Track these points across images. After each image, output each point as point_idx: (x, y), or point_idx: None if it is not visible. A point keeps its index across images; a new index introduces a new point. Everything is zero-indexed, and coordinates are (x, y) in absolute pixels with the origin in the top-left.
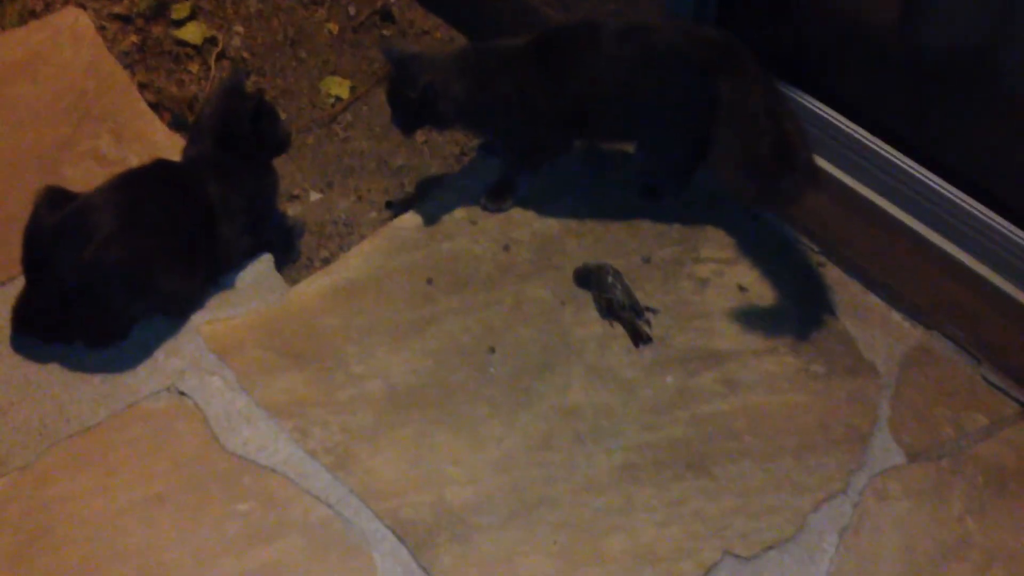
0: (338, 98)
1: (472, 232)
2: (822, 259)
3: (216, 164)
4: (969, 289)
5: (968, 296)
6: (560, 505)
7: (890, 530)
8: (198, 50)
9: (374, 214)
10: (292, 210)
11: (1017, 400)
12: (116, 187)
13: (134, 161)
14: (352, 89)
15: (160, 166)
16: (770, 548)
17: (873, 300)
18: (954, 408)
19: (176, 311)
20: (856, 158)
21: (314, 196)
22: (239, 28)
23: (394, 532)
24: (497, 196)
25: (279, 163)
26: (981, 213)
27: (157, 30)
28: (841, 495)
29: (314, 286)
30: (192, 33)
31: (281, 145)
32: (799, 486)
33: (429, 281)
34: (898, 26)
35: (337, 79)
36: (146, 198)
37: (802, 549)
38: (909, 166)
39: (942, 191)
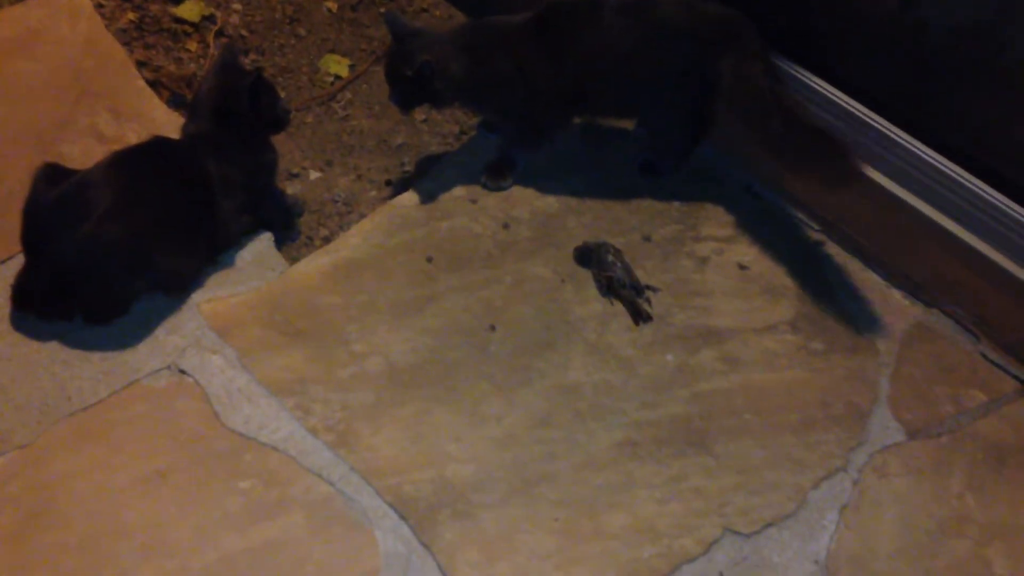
0: (337, 76)
1: (472, 210)
2: (821, 237)
3: (215, 141)
4: (968, 266)
5: (967, 273)
6: (560, 482)
7: (890, 507)
8: (196, 28)
9: (374, 193)
10: (292, 188)
11: (1016, 377)
12: (114, 164)
13: (132, 138)
14: (351, 67)
15: (158, 143)
16: (770, 525)
17: (872, 277)
18: (953, 385)
19: (175, 288)
20: (856, 135)
21: (314, 175)
22: (237, 6)
23: (395, 509)
24: (497, 174)
25: (278, 141)
26: (981, 190)
27: (155, 8)
28: (841, 472)
29: (314, 264)
30: (190, 11)
31: (280, 122)
32: (799, 463)
33: (429, 259)
34: (899, 3)
35: (336, 57)
36: (144, 175)
37: (802, 526)
38: (908, 143)
39: (941, 167)
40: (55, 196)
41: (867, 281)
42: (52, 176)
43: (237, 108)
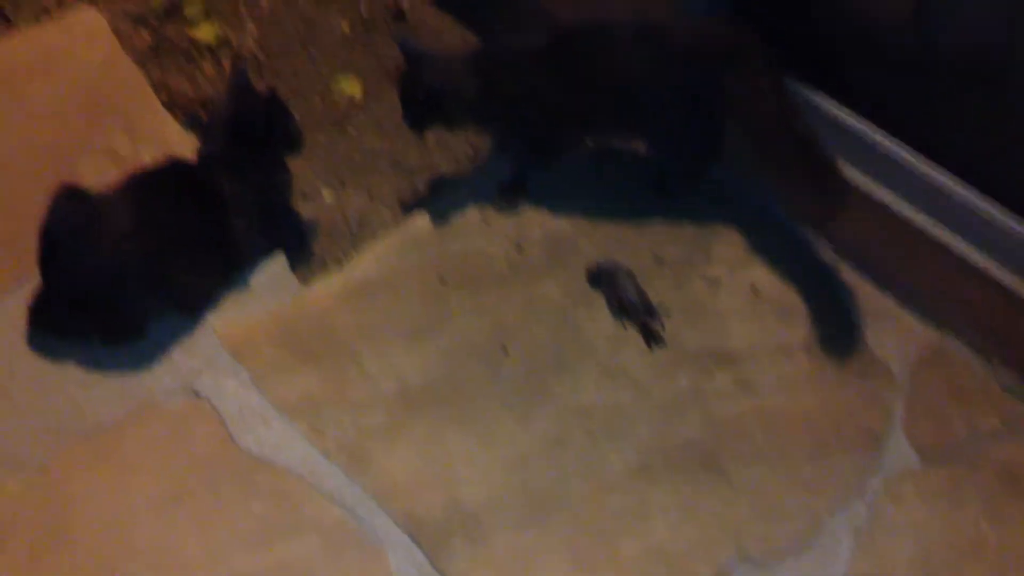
0: (351, 98)
1: (485, 231)
2: (835, 259)
3: (230, 161)
4: (984, 291)
5: (983, 298)
6: (573, 505)
7: (905, 533)
8: (212, 50)
9: (387, 214)
10: (305, 210)
11: None
12: (131, 184)
13: (148, 159)
14: (364, 89)
15: (174, 164)
16: (785, 551)
17: (887, 301)
18: (968, 411)
19: (190, 308)
20: (871, 157)
21: (327, 196)
22: (252, 28)
23: (408, 532)
24: (509, 195)
25: (292, 161)
26: (997, 213)
27: (171, 30)
28: (856, 498)
29: (327, 286)
30: (206, 33)
31: (294, 143)
32: (813, 488)
33: (442, 280)
34: (917, 25)
35: (350, 78)
36: (161, 196)
37: (817, 552)
38: (925, 165)
39: (957, 190)
40: (72, 216)
41: (881, 304)
42: (69, 197)
43: (252, 128)
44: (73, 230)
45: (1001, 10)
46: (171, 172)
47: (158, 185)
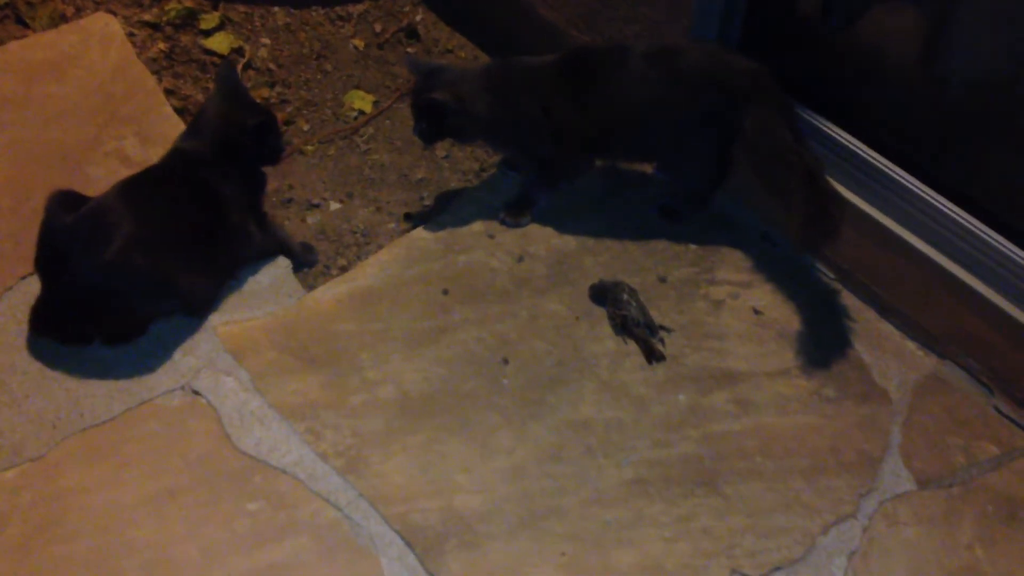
0: (361, 111)
1: (489, 245)
2: (837, 285)
3: (218, 164)
4: (984, 319)
5: (983, 326)
6: (569, 517)
7: (899, 555)
8: (224, 59)
9: (392, 225)
10: (312, 218)
11: None
12: (129, 188)
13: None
14: (375, 103)
15: (165, 167)
16: (778, 568)
17: (887, 327)
18: (965, 437)
19: (195, 309)
20: (875, 185)
21: (334, 205)
22: (266, 40)
23: (402, 537)
24: (516, 211)
25: (301, 173)
26: (999, 243)
27: (185, 39)
28: (851, 519)
29: (331, 292)
30: (219, 43)
31: (275, 159)
32: (809, 508)
33: (445, 291)
34: (921, 57)
35: (361, 93)
36: (160, 198)
37: (810, 570)
38: (928, 195)
39: (960, 220)
40: (70, 222)
41: (882, 331)
42: (66, 202)
43: (242, 139)
44: (73, 234)
45: (1014, 46)
46: (166, 175)
47: (156, 187)
